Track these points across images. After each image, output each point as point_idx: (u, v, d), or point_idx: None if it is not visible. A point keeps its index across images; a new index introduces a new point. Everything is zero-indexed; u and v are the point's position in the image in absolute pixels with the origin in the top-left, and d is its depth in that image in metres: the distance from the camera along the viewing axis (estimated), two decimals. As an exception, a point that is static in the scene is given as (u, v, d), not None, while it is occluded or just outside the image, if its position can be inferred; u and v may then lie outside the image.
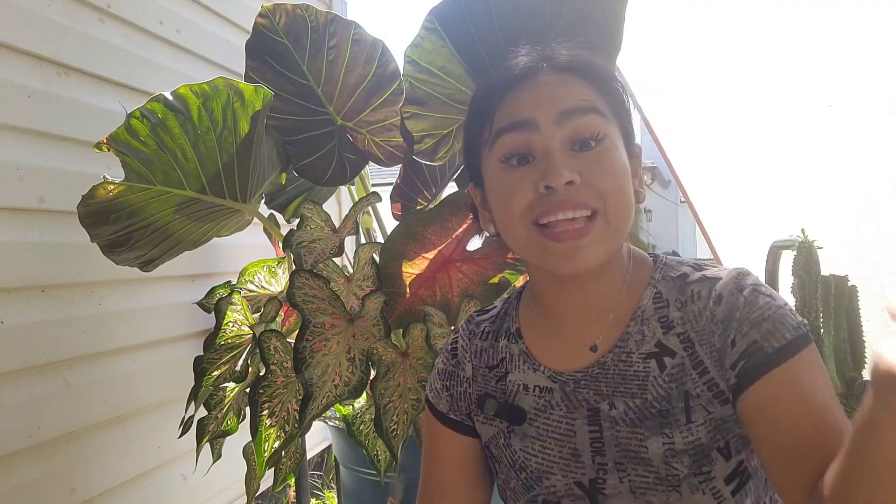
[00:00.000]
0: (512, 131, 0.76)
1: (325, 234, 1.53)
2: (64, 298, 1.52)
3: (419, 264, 1.51)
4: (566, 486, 0.78)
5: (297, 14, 1.52)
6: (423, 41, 1.44)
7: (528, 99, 0.76)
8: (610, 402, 0.77)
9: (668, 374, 0.75)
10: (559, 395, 0.80)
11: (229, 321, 1.61)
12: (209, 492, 2.00)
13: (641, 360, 0.77)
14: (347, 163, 1.68)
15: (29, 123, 1.44)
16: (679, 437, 0.72)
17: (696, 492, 0.71)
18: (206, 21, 2.10)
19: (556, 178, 0.71)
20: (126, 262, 1.45)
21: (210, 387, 1.58)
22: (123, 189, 1.26)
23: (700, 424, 0.72)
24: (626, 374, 0.77)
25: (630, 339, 0.78)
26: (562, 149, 0.74)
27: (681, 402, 0.73)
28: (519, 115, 0.76)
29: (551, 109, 0.74)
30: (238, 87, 1.32)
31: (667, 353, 0.76)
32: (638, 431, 0.74)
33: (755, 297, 0.73)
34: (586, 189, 0.72)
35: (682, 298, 0.77)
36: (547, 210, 0.72)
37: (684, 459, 0.72)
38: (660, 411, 0.74)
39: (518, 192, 0.74)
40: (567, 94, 0.76)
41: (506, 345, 0.88)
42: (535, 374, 0.83)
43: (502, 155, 0.77)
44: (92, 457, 1.57)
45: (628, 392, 0.76)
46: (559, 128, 0.74)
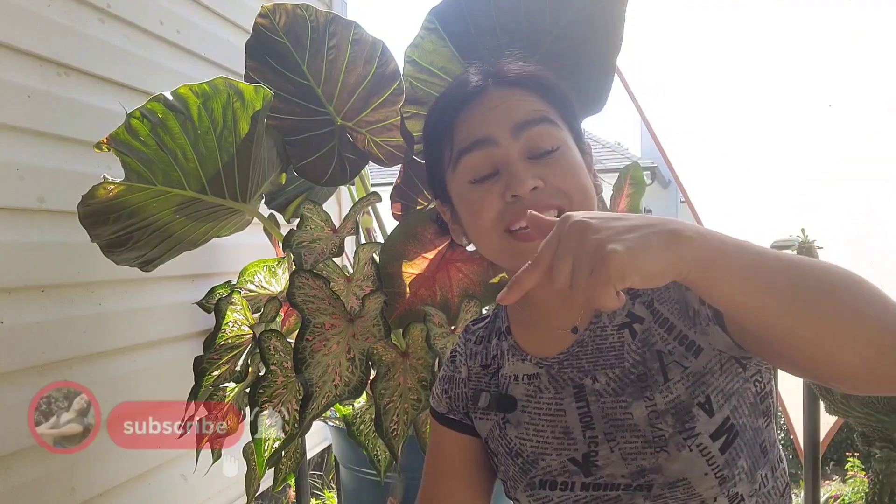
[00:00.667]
0: (473, 150, 0.80)
1: (325, 234, 1.53)
2: (64, 298, 1.52)
3: (419, 264, 1.51)
4: (561, 464, 0.81)
5: (297, 14, 1.52)
6: (424, 41, 1.44)
7: (482, 116, 0.81)
8: (592, 377, 0.80)
9: (640, 339, 0.79)
10: (546, 379, 0.84)
11: (229, 321, 1.61)
12: (209, 492, 2.00)
13: (615, 331, 0.81)
14: (347, 163, 1.68)
15: (29, 123, 1.44)
16: (660, 398, 0.75)
17: (682, 449, 0.73)
18: (206, 21, 2.10)
19: (521, 186, 0.76)
20: (126, 262, 1.45)
21: (210, 387, 1.58)
22: (123, 189, 1.26)
23: (678, 381, 0.75)
24: (602, 347, 0.81)
25: (602, 314, 0.82)
26: (521, 158, 0.78)
27: (655, 363, 0.77)
28: (476, 134, 0.80)
29: (506, 123, 0.79)
30: (238, 87, 1.32)
31: (636, 320, 0.80)
32: (621, 400, 0.78)
33: None
34: (551, 191, 0.77)
35: None
36: (516, 216, 0.77)
37: (667, 419, 0.75)
38: (638, 376, 0.77)
39: (486, 204, 0.78)
40: (518, 107, 0.80)
41: (497, 343, 0.92)
42: (524, 363, 0.87)
43: (469, 177, 0.81)
44: (92, 457, 1.57)
45: (607, 363, 0.80)
46: (516, 140, 0.79)
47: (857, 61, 1.69)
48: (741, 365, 0.76)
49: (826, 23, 1.72)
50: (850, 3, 1.66)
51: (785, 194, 1.90)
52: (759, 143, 1.94)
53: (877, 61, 1.66)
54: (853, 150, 1.73)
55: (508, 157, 0.78)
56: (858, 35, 1.67)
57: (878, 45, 1.64)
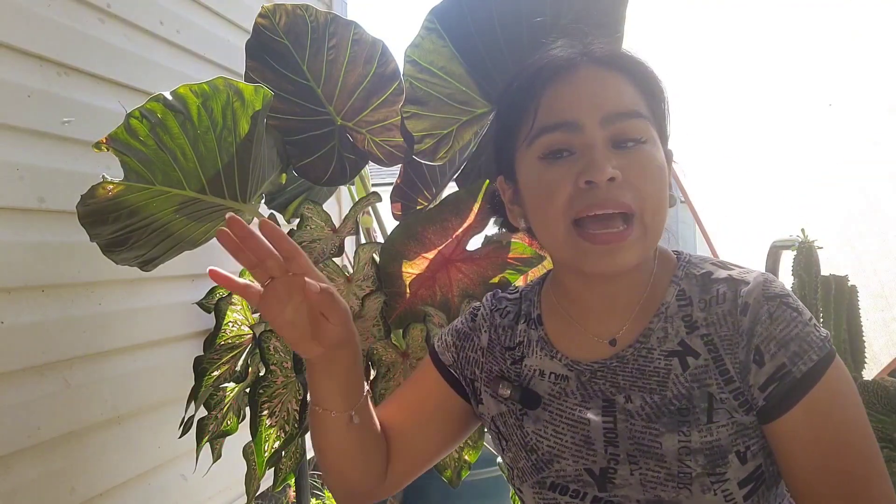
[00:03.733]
0: (555, 131, 0.74)
1: (325, 234, 1.53)
2: (64, 298, 1.52)
3: (419, 264, 1.51)
4: (576, 471, 0.78)
5: (297, 14, 1.52)
6: (424, 41, 1.44)
7: (571, 97, 0.75)
8: (626, 396, 0.76)
9: (691, 373, 0.74)
10: (574, 384, 0.80)
11: (229, 321, 1.61)
12: (209, 492, 2.00)
13: (663, 356, 0.76)
14: (347, 163, 1.68)
15: (29, 123, 1.44)
16: (697, 436, 0.72)
17: (707, 492, 0.71)
18: (206, 21, 2.10)
19: (599, 174, 0.70)
20: (126, 262, 1.45)
21: (210, 387, 1.58)
22: (123, 189, 1.26)
23: (722, 426, 0.72)
24: (645, 369, 0.76)
25: (652, 335, 0.77)
26: (604, 145, 0.73)
27: (703, 403, 0.73)
28: (563, 116, 0.74)
29: (596, 111, 0.73)
30: (238, 87, 1.32)
31: (690, 353, 0.75)
32: (653, 427, 0.74)
33: (781, 312, 0.72)
34: (627, 188, 0.71)
35: (706, 298, 0.76)
36: (587, 206, 0.71)
37: (699, 458, 0.72)
38: (679, 409, 0.73)
39: (559, 188, 0.73)
40: (612, 96, 0.75)
41: (524, 329, 0.88)
42: (552, 361, 0.83)
43: (542, 152, 0.75)
44: (92, 457, 1.57)
45: (646, 387, 0.76)
46: (603, 129, 0.73)
47: (857, 61, 1.69)
48: None
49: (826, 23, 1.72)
50: (851, 2, 1.66)
51: (785, 194, 1.90)
52: (758, 142, 1.94)
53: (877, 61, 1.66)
54: (853, 150, 1.73)
55: (591, 141, 0.72)
56: (858, 35, 1.67)
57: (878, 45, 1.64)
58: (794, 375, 0.70)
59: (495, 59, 1.43)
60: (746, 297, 0.73)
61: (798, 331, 0.71)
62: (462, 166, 1.63)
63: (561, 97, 0.75)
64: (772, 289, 0.74)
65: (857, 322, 1.40)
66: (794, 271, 1.43)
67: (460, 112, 1.50)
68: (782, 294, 0.73)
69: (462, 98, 1.48)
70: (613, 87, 0.75)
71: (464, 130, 1.53)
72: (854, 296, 1.39)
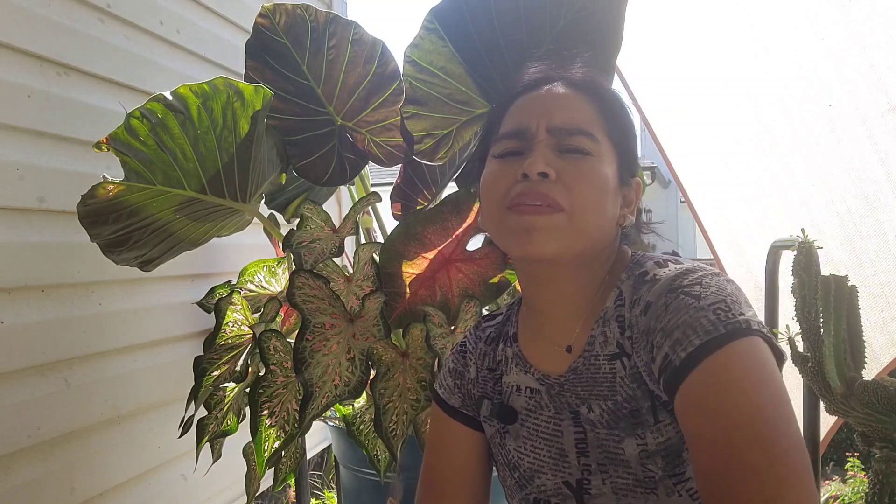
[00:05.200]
0: (510, 137, 0.80)
1: (325, 234, 1.53)
2: (64, 298, 1.52)
3: (419, 264, 1.51)
4: (555, 485, 0.79)
5: (297, 14, 1.52)
6: (423, 41, 1.44)
7: (529, 107, 0.81)
8: (588, 406, 0.78)
9: (630, 375, 0.75)
10: (546, 397, 0.82)
11: (229, 321, 1.61)
12: (209, 492, 2.00)
13: (607, 361, 0.77)
14: (347, 163, 1.68)
15: (29, 123, 1.44)
16: (651, 438, 0.73)
17: (671, 494, 0.72)
18: (206, 21, 2.10)
19: (531, 167, 0.75)
20: (126, 262, 1.45)
21: (210, 387, 1.58)
22: (123, 189, 1.26)
23: (668, 424, 0.72)
24: (596, 376, 0.78)
25: (595, 341, 0.79)
26: (545, 147, 0.77)
27: (647, 402, 0.73)
28: (518, 124, 0.80)
29: (546, 119, 0.78)
30: (238, 87, 1.32)
31: (624, 354, 0.76)
32: (614, 433, 0.75)
33: (678, 301, 0.70)
34: (560, 187, 0.75)
35: (634, 298, 0.77)
36: (518, 195, 0.75)
37: (657, 461, 0.72)
38: (630, 412, 0.74)
39: (501, 181, 0.78)
40: (566, 111, 0.79)
41: (503, 348, 0.91)
42: (526, 375, 0.85)
43: (496, 153, 0.82)
44: (92, 457, 1.57)
45: (601, 395, 0.77)
46: (549, 135, 0.78)
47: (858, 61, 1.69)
48: None
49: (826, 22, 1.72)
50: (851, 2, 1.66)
51: (785, 194, 1.90)
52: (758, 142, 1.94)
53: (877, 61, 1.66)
54: (853, 150, 1.73)
55: (535, 142, 0.78)
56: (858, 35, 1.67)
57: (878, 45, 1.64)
58: (673, 364, 0.66)
59: (495, 59, 1.43)
60: (650, 296, 0.74)
61: (687, 317, 0.67)
62: (462, 166, 1.63)
63: (521, 109, 0.82)
64: (678, 282, 0.72)
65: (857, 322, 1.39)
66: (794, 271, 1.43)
67: (460, 112, 1.50)
68: (687, 284, 0.71)
69: (462, 98, 1.48)
70: (569, 104, 0.80)
71: (464, 130, 1.53)
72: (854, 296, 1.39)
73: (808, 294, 1.40)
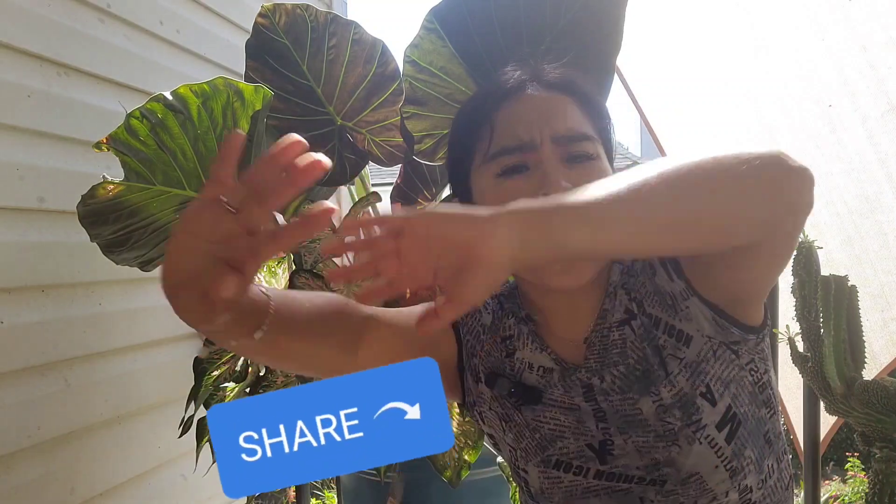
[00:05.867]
0: (513, 152, 0.78)
1: (325, 234, 1.53)
2: (64, 298, 1.52)
3: (419, 264, 1.50)
4: (578, 448, 0.80)
5: (297, 14, 1.52)
6: (423, 41, 1.44)
7: (525, 117, 0.79)
8: (600, 377, 0.80)
9: (639, 335, 0.79)
10: (557, 376, 0.83)
11: (229, 321, 1.61)
12: (209, 492, 2.00)
13: (616, 328, 0.80)
14: (347, 163, 1.68)
15: (29, 123, 1.44)
16: (665, 392, 0.76)
17: (693, 443, 0.74)
18: (206, 21, 2.10)
19: (554, 187, 0.73)
20: (126, 262, 1.45)
21: (210, 387, 1.58)
22: (123, 189, 1.26)
23: (678, 374, 0.76)
24: (606, 345, 0.81)
25: (606, 314, 0.82)
26: (557, 161, 0.77)
27: (656, 357, 0.77)
28: (518, 136, 0.78)
29: (549, 131, 0.77)
30: (238, 87, 1.32)
31: (632, 316, 0.80)
32: (629, 397, 0.78)
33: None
34: None
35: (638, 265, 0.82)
36: None
37: (675, 412, 0.75)
38: (643, 372, 0.77)
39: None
40: (563, 118, 0.79)
41: (514, 323, 0.89)
42: (542, 354, 0.85)
43: (499, 170, 0.79)
44: (92, 457, 1.57)
45: (611, 362, 0.80)
46: (556, 147, 0.77)
47: (858, 61, 1.69)
48: (734, 352, 0.77)
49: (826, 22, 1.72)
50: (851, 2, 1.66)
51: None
52: (759, 143, 1.95)
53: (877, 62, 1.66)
54: (853, 150, 1.73)
55: (545, 158, 0.76)
56: (858, 35, 1.67)
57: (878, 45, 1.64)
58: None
59: (495, 59, 1.43)
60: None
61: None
62: (462, 166, 1.63)
63: (515, 118, 0.79)
64: None
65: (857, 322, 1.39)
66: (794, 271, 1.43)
67: (460, 112, 1.50)
68: None
69: (462, 98, 1.48)
70: (563, 110, 0.80)
71: (464, 130, 1.53)
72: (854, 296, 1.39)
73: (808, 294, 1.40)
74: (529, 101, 0.80)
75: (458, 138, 0.87)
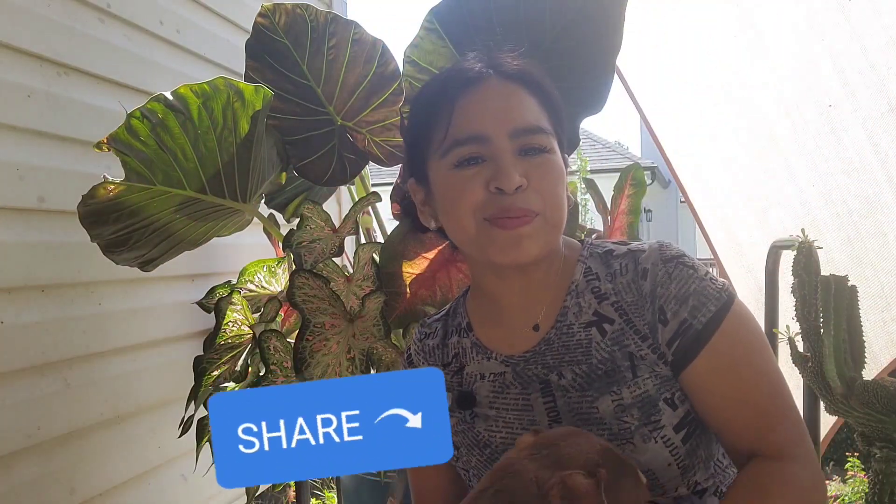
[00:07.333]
0: (468, 144, 0.80)
1: (325, 234, 1.53)
2: (64, 298, 1.52)
3: (419, 264, 1.51)
4: None
5: (297, 14, 1.52)
6: (423, 41, 1.44)
7: (481, 111, 0.81)
8: (558, 373, 0.82)
9: (610, 338, 0.81)
10: (511, 376, 0.85)
11: (229, 321, 1.61)
12: (209, 492, 2.00)
13: (582, 329, 0.82)
14: (347, 163, 1.68)
15: (29, 123, 1.44)
16: (627, 392, 0.78)
17: (647, 441, 0.76)
18: (206, 21, 2.10)
19: (507, 182, 0.77)
20: (126, 262, 1.45)
21: (210, 387, 1.58)
22: (123, 189, 1.26)
23: (647, 378, 0.78)
24: (569, 344, 0.82)
25: (568, 312, 0.84)
26: (511, 155, 0.79)
27: (626, 362, 0.79)
28: (474, 129, 0.80)
29: (504, 126, 0.79)
30: (238, 87, 1.32)
31: (605, 320, 0.82)
32: (587, 394, 0.80)
33: (679, 271, 0.79)
34: (532, 194, 0.78)
35: (611, 272, 0.83)
36: (498, 210, 0.78)
37: (633, 412, 0.77)
38: (605, 372, 0.79)
39: (469, 191, 0.79)
40: (519, 111, 0.81)
41: (457, 340, 0.92)
42: (489, 362, 0.87)
43: (455, 161, 0.81)
44: (92, 457, 1.57)
45: (573, 360, 0.81)
46: (511, 141, 0.79)
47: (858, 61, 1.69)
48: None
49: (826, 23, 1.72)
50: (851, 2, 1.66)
51: (785, 194, 1.90)
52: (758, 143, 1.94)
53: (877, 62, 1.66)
54: (853, 150, 1.73)
55: (500, 152, 0.79)
56: (858, 35, 1.67)
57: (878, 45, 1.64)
58: (695, 328, 0.77)
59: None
60: (644, 262, 0.81)
61: (695, 286, 0.78)
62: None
63: (471, 111, 0.81)
64: (668, 252, 0.81)
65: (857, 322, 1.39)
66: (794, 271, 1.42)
67: (460, 112, 1.50)
68: (678, 255, 0.81)
69: (462, 98, 1.48)
70: (519, 103, 0.82)
71: (464, 130, 1.53)
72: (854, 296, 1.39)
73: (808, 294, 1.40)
74: (486, 92, 0.82)
75: (414, 124, 0.90)
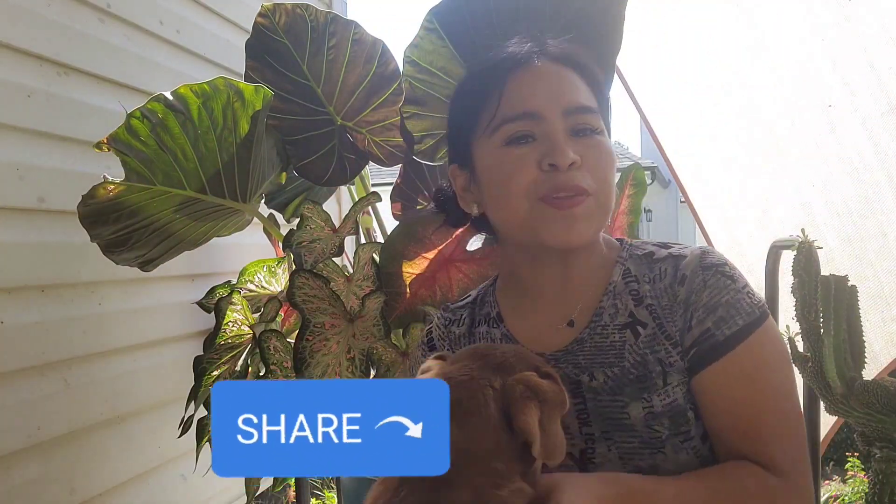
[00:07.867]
0: (518, 121, 0.79)
1: (325, 234, 1.53)
2: (64, 298, 1.52)
3: (419, 264, 1.51)
4: None
5: (297, 14, 1.52)
6: (423, 41, 1.44)
7: (532, 89, 0.80)
8: (590, 374, 0.80)
9: (643, 341, 0.79)
10: None
11: (229, 321, 1.61)
12: (209, 492, 2.01)
13: (617, 331, 0.80)
14: (347, 163, 1.68)
15: (29, 123, 1.44)
16: (658, 400, 0.76)
17: (679, 452, 0.75)
18: (206, 21, 2.10)
19: (562, 158, 0.75)
20: (126, 262, 1.45)
21: (210, 387, 1.58)
22: (123, 189, 1.26)
23: (676, 386, 0.76)
24: (602, 345, 0.81)
25: (604, 313, 0.82)
26: (564, 133, 0.78)
27: (657, 367, 0.78)
28: (525, 106, 0.79)
29: (556, 104, 0.78)
30: (238, 87, 1.32)
31: (639, 323, 0.80)
32: (619, 399, 0.78)
33: (715, 280, 0.78)
34: (585, 173, 0.77)
35: (651, 275, 0.82)
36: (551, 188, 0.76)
37: (664, 421, 0.76)
38: (637, 377, 0.78)
39: (521, 169, 0.77)
40: (570, 92, 0.80)
41: (486, 330, 0.89)
42: None
43: (505, 138, 0.79)
44: (92, 457, 1.57)
45: (606, 362, 0.80)
46: (563, 120, 0.78)
47: (858, 61, 1.69)
48: None
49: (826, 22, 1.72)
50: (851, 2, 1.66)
51: (785, 194, 1.90)
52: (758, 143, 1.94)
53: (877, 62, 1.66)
54: (853, 150, 1.73)
55: (553, 129, 0.77)
56: (859, 34, 1.67)
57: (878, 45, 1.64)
58: (717, 338, 0.75)
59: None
60: (684, 269, 0.79)
61: (728, 297, 0.76)
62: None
63: (522, 89, 0.80)
64: (708, 259, 0.79)
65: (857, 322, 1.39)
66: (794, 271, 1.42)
67: (460, 112, 1.50)
68: (718, 263, 0.79)
69: (462, 98, 1.48)
70: (570, 83, 0.81)
71: (464, 130, 1.53)
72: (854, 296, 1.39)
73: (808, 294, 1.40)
74: (538, 72, 0.81)
75: (459, 107, 0.88)
